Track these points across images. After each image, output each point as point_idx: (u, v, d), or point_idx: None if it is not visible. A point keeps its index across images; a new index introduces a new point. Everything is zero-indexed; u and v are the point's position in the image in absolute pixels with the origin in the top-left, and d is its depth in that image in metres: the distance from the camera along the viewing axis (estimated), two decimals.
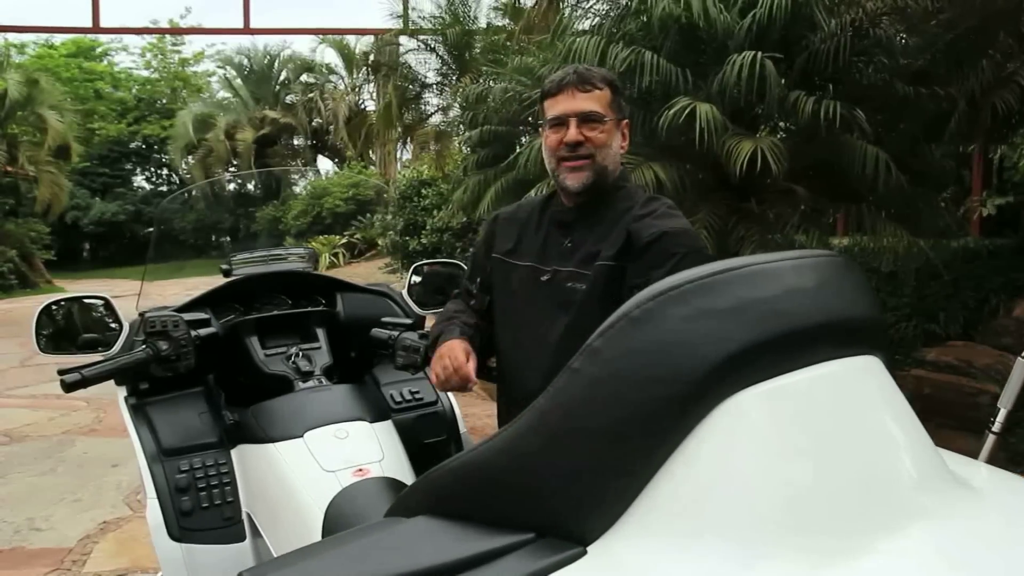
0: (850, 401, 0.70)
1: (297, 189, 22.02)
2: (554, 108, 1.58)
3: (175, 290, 2.32)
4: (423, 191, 12.31)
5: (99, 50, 30.95)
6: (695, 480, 0.65)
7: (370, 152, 23.92)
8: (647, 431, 0.63)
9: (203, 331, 1.85)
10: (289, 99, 27.36)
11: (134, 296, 2.38)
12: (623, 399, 0.63)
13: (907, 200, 3.91)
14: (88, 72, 30.01)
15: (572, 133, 1.55)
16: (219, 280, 2.26)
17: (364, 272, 14.29)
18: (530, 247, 1.67)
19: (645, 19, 4.11)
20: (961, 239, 6.02)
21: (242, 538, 1.76)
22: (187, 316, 1.83)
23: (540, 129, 1.69)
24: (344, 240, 18.90)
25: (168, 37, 30.30)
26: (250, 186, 23.10)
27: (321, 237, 18.67)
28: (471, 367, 1.56)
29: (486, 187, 6.15)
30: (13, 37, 24.39)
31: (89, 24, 13.91)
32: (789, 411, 0.67)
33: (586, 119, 1.55)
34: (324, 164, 28.15)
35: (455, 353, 1.57)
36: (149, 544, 3.66)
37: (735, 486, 0.65)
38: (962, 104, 4.16)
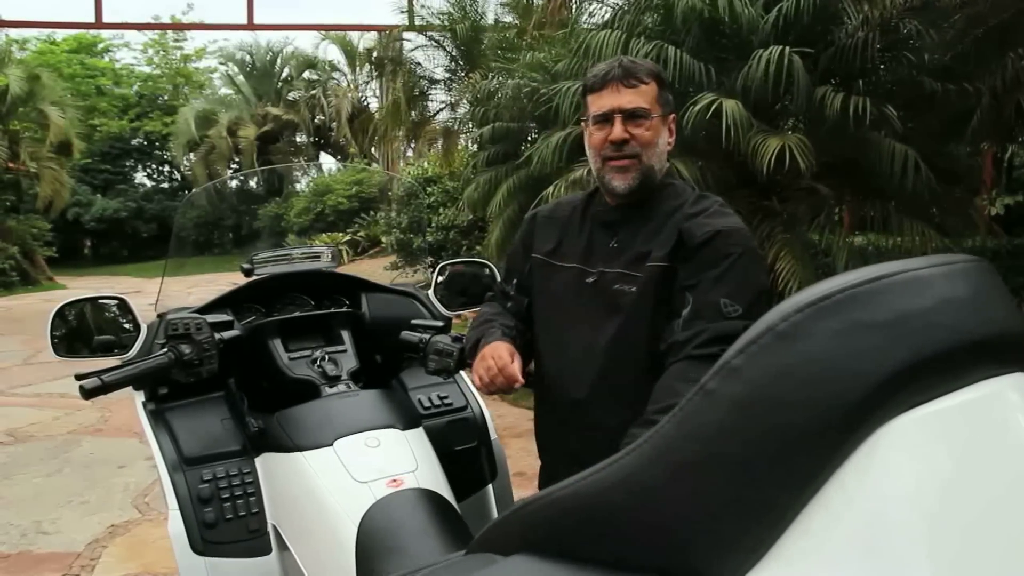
0: (1018, 426, 0.61)
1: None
2: (598, 104, 1.50)
3: (178, 287, 2.24)
4: (428, 188, 12.21)
5: (101, 46, 30.82)
6: (848, 518, 0.56)
7: (373, 150, 23.83)
8: (797, 462, 0.54)
9: (226, 334, 1.77)
10: (292, 96, 27.25)
11: (136, 293, 2.30)
12: (769, 425, 0.54)
13: (935, 198, 3.82)
14: (90, 68, 29.89)
15: (618, 131, 1.47)
16: (234, 279, 2.18)
17: (368, 270, 14.20)
18: (573, 248, 1.58)
19: (663, 13, 4.02)
20: (978, 238, 5.94)
21: (268, 551, 1.67)
22: (210, 318, 1.75)
23: (582, 124, 1.60)
24: (347, 237, 18.83)
25: (170, 33, 30.17)
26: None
27: (324, 235, 18.63)
28: (516, 367, 1.47)
29: (497, 184, 6.07)
30: (15, 33, 24.29)
31: (92, 20, 13.83)
32: (954, 438, 0.58)
33: (632, 116, 1.47)
34: (327, 162, 28.12)
35: (499, 352, 1.48)
36: (159, 548, 3.60)
37: (895, 526, 0.55)
38: (986, 101, 4.08)
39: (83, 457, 5.07)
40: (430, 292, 2.22)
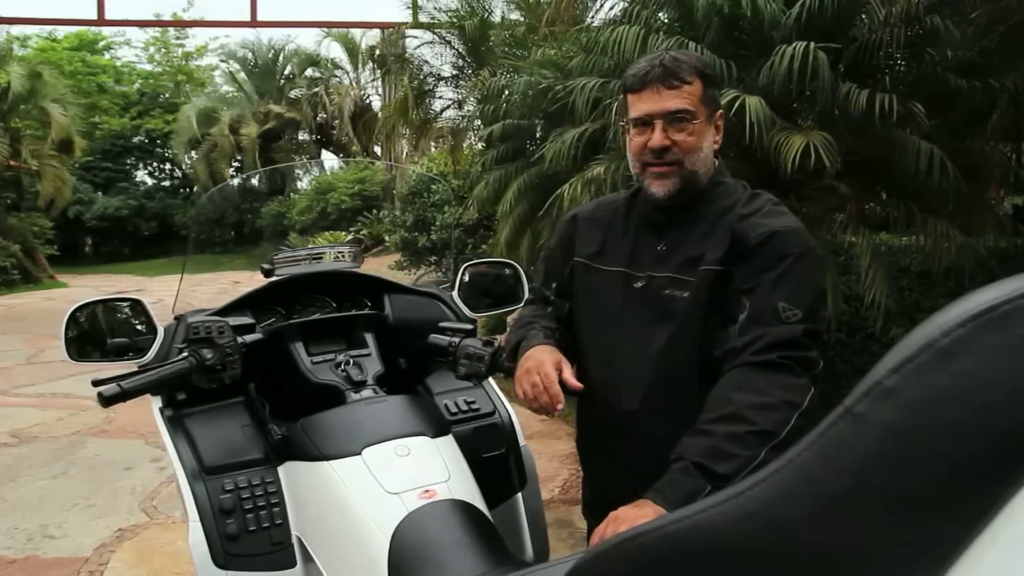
0: None
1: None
2: (637, 106, 1.42)
3: (181, 286, 2.18)
4: (432, 187, 12.12)
5: (102, 44, 30.74)
6: (1020, 555, 0.48)
7: (377, 148, 23.76)
8: (963, 496, 0.47)
9: (248, 337, 1.70)
10: (294, 94, 27.17)
11: (138, 292, 2.23)
12: (931, 454, 0.47)
13: (960, 197, 3.75)
14: (91, 66, 29.80)
15: (657, 138, 1.39)
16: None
17: (372, 268, 14.12)
18: (618, 251, 1.51)
19: (682, 8, 3.96)
20: (990, 238, 5.86)
21: (292, 564, 1.60)
22: (231, 321, 1.68)
23: (622, 126, 1.53)
24: (350, 236, 18.76)
25: (171, 31, 30.10)
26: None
27: (327, 233, 18.57)
28: (568, 375, 1.39)
29: (507, 182, 6.00)
30: (16, 30, 24.21)
31: (94, 16, 13.77)
32: None
33: (674, 120, 1.39)
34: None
35: (545, 368, 1.39)
36: (168, 554, 3.53)
37: None
38: (1005, 98, 4.01)
39: (88, 459, 5.00)
40: (453, 293, 2.15)
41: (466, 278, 2.19)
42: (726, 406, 1.22)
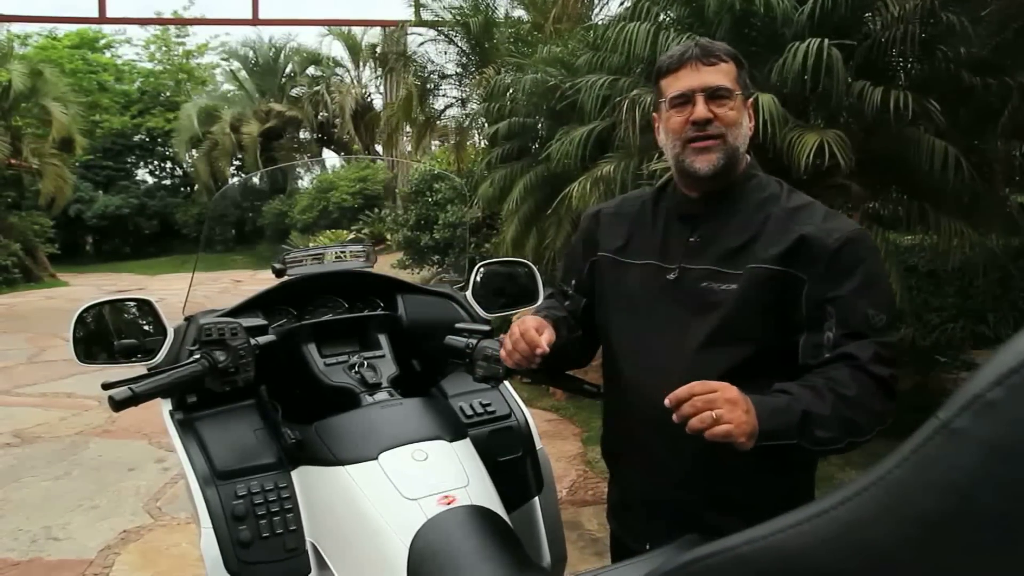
0: None
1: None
2: (676, 85, 1.40)
3: (180, 285, 2.15)
4: (435, 185, 12.09)
5: (103, 42, 30.68)
6: None
7: (377, 147, 23.73)
8: None
9: (261, 339, 1.66)
10: (295, 92, 27.14)
11: (139, 291, 2.19)
12: None
13: (974, 196, 3.71)
14: (92, 64, 29.74)
15: (700, 109, 1.36)
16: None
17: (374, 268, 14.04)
18: (646, 244, 1.47)
19: (693, 5, 3.92)
20: (995, 237, 5.83)
21: (307, 571, 1.57)
22: (244, 322, 1.64)
23: (655, 113, 1.50)
24: (351, 235, 18.72)
25: (172, 29, 30.05)
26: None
27: (328, 232, 18.53)
28: (546, 337, 1.40)
29: (512, 181, 5.96)
30: (17, 28, 24.15)
31: (95, 15, 13.73)
32: None
33: (714, 95, 1.36)
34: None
35: (523, 322, 1.42)
36: (173, 556, 3.49)
37: None
38: (1017, 95, 3.97)
39: (91, 459, 4.97)
40: (467, 294, 2.11)
41: (479, 278, 2.15)
42: (847, 388, 1.23)
